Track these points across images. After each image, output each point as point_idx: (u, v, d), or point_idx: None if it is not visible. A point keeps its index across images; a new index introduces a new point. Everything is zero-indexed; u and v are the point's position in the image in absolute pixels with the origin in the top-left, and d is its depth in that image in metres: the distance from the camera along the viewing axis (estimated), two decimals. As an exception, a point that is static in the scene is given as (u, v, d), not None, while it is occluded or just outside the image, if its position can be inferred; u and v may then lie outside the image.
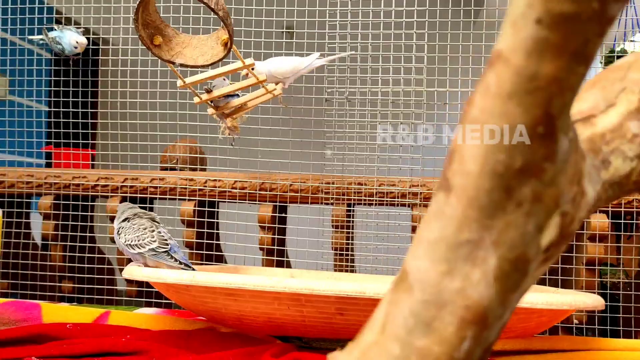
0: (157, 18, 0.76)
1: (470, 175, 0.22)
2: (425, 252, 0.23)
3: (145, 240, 0.76)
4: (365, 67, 1.14)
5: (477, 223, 0.22)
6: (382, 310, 0.24)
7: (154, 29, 0.76)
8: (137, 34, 0.74)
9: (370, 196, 1.16)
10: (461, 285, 0.22)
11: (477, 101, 0.22)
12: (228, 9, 0.73)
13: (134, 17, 0.71)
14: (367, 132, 1.15)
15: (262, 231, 1.21)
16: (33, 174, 1.28)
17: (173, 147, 1.32)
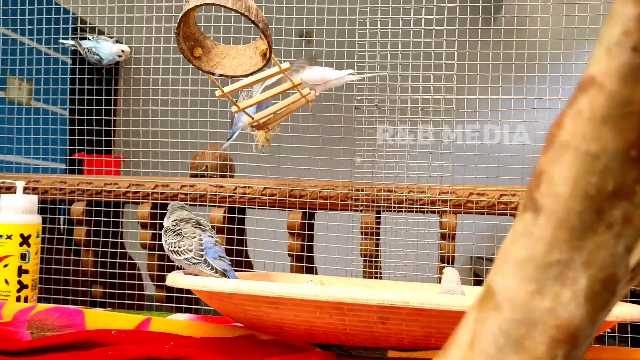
0: (196, 30, 0.77)
1: (560, 197, 0.23)
2: (514, 271, 0.24)
3: (182, 248, 0.78)
4: (395, 75, 1.15)
5: (567, 244, 0.23)
6: (468, 328, 0.25)
7: (194, 41, 0.77)
8: (177, 47, 0.75)
9: (400, 203, 1.16)
10: (551, 305, 0.23)
11: (568, 125, 0.23)
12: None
13: (176, 31, 0.73)
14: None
15: (291, 237, 1.22)
16: (66, 180, 1.30)
17: (202, 154, 1.33)
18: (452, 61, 1.12)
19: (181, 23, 0.72)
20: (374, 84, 1.16)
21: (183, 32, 0.75)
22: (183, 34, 0.75)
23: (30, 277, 0.91)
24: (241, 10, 0.69)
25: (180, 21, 0.72)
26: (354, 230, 1.22)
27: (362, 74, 1.03)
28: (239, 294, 0.66)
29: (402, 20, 1.15)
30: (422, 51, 1.13)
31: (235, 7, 0.69)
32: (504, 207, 1.14)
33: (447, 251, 1.14)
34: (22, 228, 0.90)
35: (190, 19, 0.76)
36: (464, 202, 1.14)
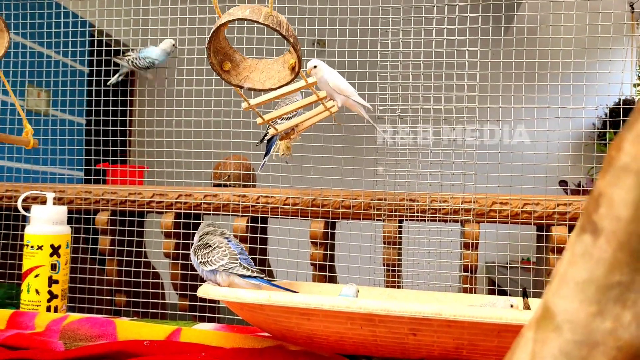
0: (226, 44, 0.78)
1: (621, 220, 0.23)
2: (573, 293, 0.24)
3: (215, 257, 0.79)
4: (418, 85, 1.15)
5: (628, 266, 0.23)
6: (527, 348, 0.25)
7: (223, 55, 0.78)
8: (208, 60, 0.76)
9: (422, 212, 1.17)
10: (612, 327, 0.23)
11: (628, 148, 0.23)
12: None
13: (207, 46, 0.74)
14: (419, 149, 1.16)
15: (313, 247, 1.23)
16: (91, 190, 1.32)
17: (224, 164, 1.35)
18: (474, 70, 1.13)
19: (212, 38, 0.73)
20: (396, 93, 1.16)
21: (213, 47, 0.76)
22: (213, 48, 0.77)
23: (60, 287, 0.92)
24: (272, 25, 0.70)
25: (212, 36, 0.73)
26: (376, 240, 1.22)
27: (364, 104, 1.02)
28: (271, 305, 0.67)
29: (423, 30, 1.15)
30: (444, 61, 1.14)
31: (267, 22, 0.70)
32: (527, 217, 1.13)
33: (470, 260, 1.14)
34: (52, 239, 0.91)
35: (220, 33, 0.77)
36: (486, 211, 1.14)
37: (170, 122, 1.30)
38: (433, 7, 1.13)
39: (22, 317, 0.80)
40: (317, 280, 1.23)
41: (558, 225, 1.12)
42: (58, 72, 1.40)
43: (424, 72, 1.15)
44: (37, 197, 1.33)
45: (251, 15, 0.70)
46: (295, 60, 0.77)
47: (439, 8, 1.14)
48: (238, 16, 0.71)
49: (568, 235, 1.11)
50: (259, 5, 0.72)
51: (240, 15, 0.71)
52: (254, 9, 0.71)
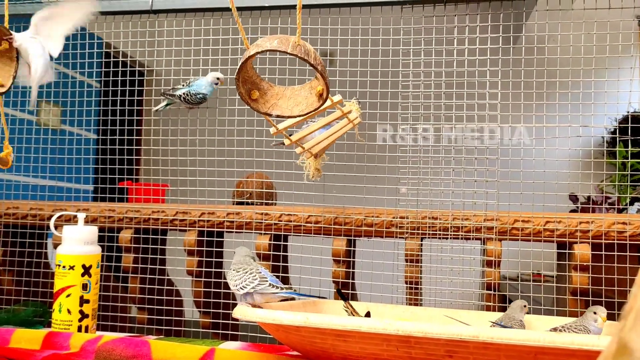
0: (253, 74, 0.80)
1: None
2: (651, 329, 0.25)
3: (248, 280, 0.80)
4: (439, 104, 1.16)
5: None
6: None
7: (251, 84, 0.80)
8: (237, 90, 0.78)
9: (445, 230, 1.17)
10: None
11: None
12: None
13: (236, 77, 0.75)
14: (441, 168, 1.17)
15: (335, 264, 1.23)
16: (115, 208, 1.33)
17: (246, 182, 1.36)
18: (495, 90, 1.14)
19: (241, 68, 0.75)
20: (417, 113, 1.18)
21: (241, 76, 0.78)
22: (241, 78, 0.78)
23: (91, 306, 0.93)
24: (301, 54, 0.72)
25: (241, 66, 0.74)
26: (399, 257, 1.23)
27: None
28: (307, 327, 0.68)
29: (433, 50, 1.17)
30: (465, 80, 1.15)
31: (295, 52, 0.71)
32: (549, 234, 1.14)
33: (493, 278, 1.14)
34: (83, 259, 0.93)
35: (248, 63, 0.78)
36: (509, 229, 1.15)
37: (186, 140, 1.32)
38: (444, 28, 1.15)
39: (57, 338, 0.82)
40: (339, 299, 1.24)
41: (580, 243, 1.12)
42: (70, 88, 1.42)
43: (445, 92, 1.16)
44: (62, 216, 1.35)
45: (279, 45, 0.72)
46: (322, 87, 0.78)
47: (449, 29, 1.15)
48: (267, 47, 0.72)
49: (590, 253, 1.11)
50: (286, 35, 0.74)
51: (268, 46, 0.72)
52: (281, 39, 0.72)
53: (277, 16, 1.26)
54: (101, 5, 1.31)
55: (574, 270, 1.12)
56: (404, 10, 1.18)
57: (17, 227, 1.38)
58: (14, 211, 1.37)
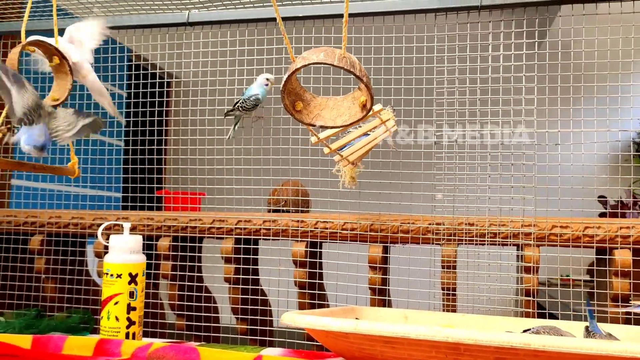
0: (297, 85, 0.81)
1: None
2: None
3: None
4: (474, 111, 1.17)
5: None
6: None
7: (295, 96, 0.81)
8: (282, 102, 0.79)
9: (482, 236, 1.17)
10: None
11: None
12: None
13: (282, 89, 0.77)
14: (477, 174, 1.17)
15: (372, 271, 1.24)
16: (153, 217, 1.36)
17: (281, 190, 1.38)
18: (531, 96, 1.14)
19: (288, 81, 0.76)
20: (453, 119, 1.18)
21: (286, 88, 0.79)
22: (286, 90, 0.79)
23: (137, 313, 0.96)
24: (346, 67, 0.73)
25: (287, 79, 0.76)
26: (432, 264, 1.23)
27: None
28: (356, 334, 0.69)
29: (468, 57, 1.17)
30: (500, 87, 1.15)
31: (341, 65, 0.73)
32: (588, 240, 1.13)
33: (531, 284, 1.14)
34: (130, 267, 0.95)
35: (293, 75, 0.80)
36: (547, 234, 1.14)
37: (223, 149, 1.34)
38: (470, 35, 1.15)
39: (108, 345, 0.84)
40: (376, 305, 1.25)
41: (621, 248, 1.11)
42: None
43: (480, 98, 1.17)
44: (102, 224, 1.38)
45: (325, 58, 0.73)
46: (366, 98, 0.79)
47: (484, 35, 1.16)
48: (313, 60, 0.73)
49: (632, 259, 1.10)
50: (331, 47, 0.75)
51: (315, 59, 0.74)
52: (327, 52, 0.74)
53: (312, 26, 1.28)
54: (139, 19, 1.35)
55: (615, 276, 1.11)
56: (437, 18, 1.19)
57: (59, 235, 1.42)
58: (56, 220, 1.40)
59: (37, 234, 1.41)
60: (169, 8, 1.31)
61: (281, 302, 1.30)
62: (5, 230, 1.42)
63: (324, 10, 1.24)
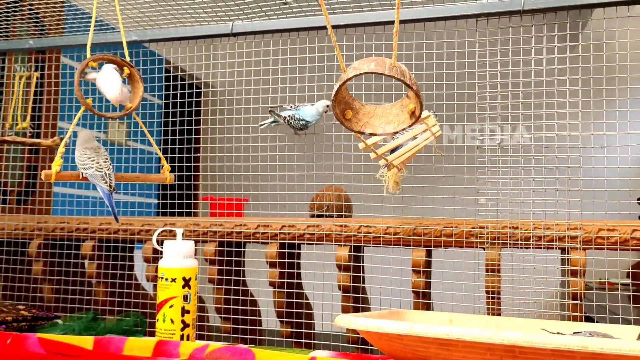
0: (346, 94, 0.83)
1: None
2: None
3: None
4: (517, 114, 1.17)
5: None
6: None
7: (345, 104, 0.83)
8: (333, 111, 0.81)
9: (526, 240, 1.17)
10: None
11: None
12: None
13: (333, 98, 0.79)
14: (521, 177, 1.17)
15: (415, 275, 1.25)
16: (199, 222, 1.40)
17: (323, 195, 1.40)
18: (576, 98, 1.14)
19: (338, 90, 0.78)
20: (495, 123, 1.19)
21: (337, 98, 0.81)
22: (337, 99, 0.82)
23: (191, 316, 0.99)
24: (397, 75, 0.75)
25: (338, 89, 0.78)
26: (476, 267, 1.23)
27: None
28: (410, 336, 0.70)
29: (510, 61, 1.17)
30: (544, 90, 1.15)
31: (391, 74, 0.74)
32: (636, 243, 1.12)
33: (578, 288, 1.14)
34: (184, 272, 0.98)
35: (344, 85, 0.82)
36: (593, 237, 1.14)
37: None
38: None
39: (167, 346, 0.87)
40: (420, 308, 1.26)
41: (671, 251, 1.10)
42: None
43: (523, 102, 1.17)
44: (150, 230, 1.42)
45: (376, 68, 0.75)
46: (415, 105, 0.80)
47: (526, 39, 1.16)
48: (364, 70, 0.75)
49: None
50: (381, 57, 0.77)
51: (366, 69, 0.75)
52: (378, 61, 0.76)
53: (353, 34, 1.30)
54: (184, 31, 1.39)
55: (664, 279, 1.10)
56: (478, 23, 1.20)
57: (109, 241, 1.47)
58: (106, 226, 1.46)
59: (89, 239, 1.46)
60: (214, 20, 1.35)
61: (320, 304, 1.32)
62: (59, 236, 1.48)
63: (362, 19, 1.26)
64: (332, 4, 1.27)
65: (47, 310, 1.47)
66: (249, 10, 1.31)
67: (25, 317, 1.13)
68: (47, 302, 1.47)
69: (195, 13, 1.34)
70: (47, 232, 1.48)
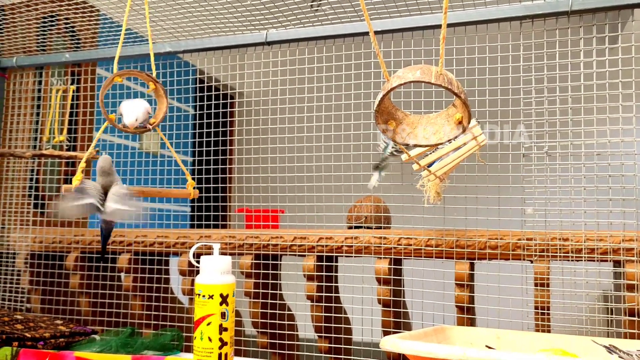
0: (389, 104, 0.79)
1: None
2: None
3: None
4: (566, 121, 1.11)
5: None
6: None
7: (387, 115, 0.79)
8: (375, 122, 0.78)
9: (578, 252, 1.11)
10: None
11: None
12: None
13: (376, 108, 0.75)
14: (571, 187, 1.11)
15: (458, 289, 1.20)
16: (235, 235, 1.38)
17: (360, 206, 1.36)
18: (630, 102, 1.07)
19: (382, 100, 0.75)
20: (542, 130, 1.13)
21: (380, 108, 0.78)
22: (380, 109, 0.78)
23: (229, 334, 0.96)
24: (444, 84, 0.71)
25: (381, 98, 0.74)
26: (524, 281, 1.18)
27: None
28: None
29: (557, 65, 1.12)
30: (594, 94, 1.09)
31: (439, 82, 0.70)
32: (699, 255, 1.05)
33: (636, 303, 1.07)
34: (221, 288, 0.96)
35: (388, 94, 0.78)
36: (651, 250, 1.07)
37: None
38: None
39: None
40: (463, 324, 1.21)
41: None
42: (168, 114, 1.49)
43: (572, 107, 1.11)
44: (186, 243, 1.41)
45: (422, 76, 0.71)
46: (462, 115, 0.76)
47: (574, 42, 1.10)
48: (409, 79, 0.71)
49: None
50: (427, 65, 0.73)
51: (411, 77, 0.72)
52: (423, 69, 0.72)
53: (390, 39, 1.26)
54: (218, 41, 1.37)
55: None
56: (523, 25, 1.15)
57: (145, 254, 1.46)
58: (142, 239, 1.45)
59: (125, 252, 1.46)
60: (247, 29, 1.33)
61: (359, 319, 1.28)
62: (95, 249, 1.48)
63: (403, 24, 1.23)
64: (359, 10, 1.23)
65: (84, 324, 1.46)
66: (284, 18, 1.28)
67: (63, 332, 1.12)
68: (84, 316, 1.47)
69: (229, 22, 1.32)
70: (84, 245, 1.48)
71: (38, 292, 1.51)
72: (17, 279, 1.54)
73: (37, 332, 1.08)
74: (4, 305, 1.52)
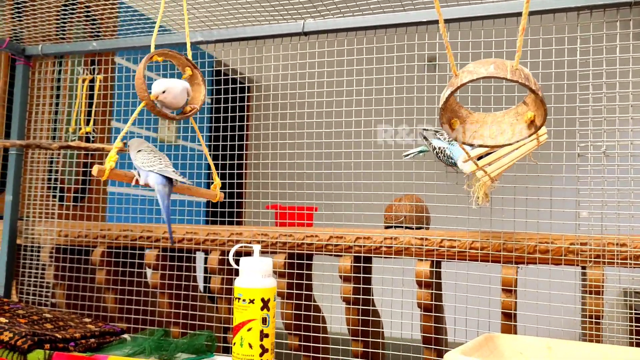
0: (453, 101, 0.74)
1: None
2: None
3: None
4: (626, 119, 1.04)
5: None
6: None
7: (451, 112, 0.74)
8: (440, 120, 0.72)
9: (636, 259, 1.05)
10: None
11: None
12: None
13: (442, 106, 0.69)
14: (631, 189, 1.05)
15: (505, 294, 1.14)
16: (267, 233, 1.33)
17: (398, 206, 1.30)
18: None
19: (450, 97, 0.69)
20: (599, 129, 1.07)
21: (445, 106, 0.72)
22: (445, 107, 0.72)
23: (270, 340, 0.91)
24: (520, 80, 0.65)
25: (449, 95, 0.68)
26: (575, 288, 1.12)
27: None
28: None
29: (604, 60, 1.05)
30: None
31: (515, 78, 0.64)
32: None
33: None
34: (262, 292, 0.91)
35: (455, 91, 0.72)
36: None
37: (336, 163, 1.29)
38: None
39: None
40: (509, 331, 1.15)
41: None
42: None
43: (633, 104, 1.04)
44: (215, 240, 1.36)
45: (496, 71, 0.65)
46: (534, 113, 0.70)
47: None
48: (482, 74, 0.65)
49: None
50: (501, 59, 0.67)
51: (484, 73, 0.65)
52: (497, 64, 0.66)
53: (424, 32, 1.20)
54: (252, 30, 1.32)
55: None
56: (580, 17, 1.08)
57: (173, 250, 1.42)
58: (171, 235, 1.40)
59: (152, 248, 1.41)
60: (284, 18, 1.27)
61: (399, 323, 1.23)
62: (122, 244, 1.44)
63: (448, 15, 1.16)
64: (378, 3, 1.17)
65: (110, 321, 1.42)
66: (322, 7, 1.22)
67: (93, 332, 1.08)
68: (110, 313, 1.43)
69: (266, 12, 1.27)
70: (110, 240, 1.44)
71: (63, 287, 1.48)
72: (41, 273, 1.51)
73: (67, 332, 1.04)
74: (29, 300, 1.49)
